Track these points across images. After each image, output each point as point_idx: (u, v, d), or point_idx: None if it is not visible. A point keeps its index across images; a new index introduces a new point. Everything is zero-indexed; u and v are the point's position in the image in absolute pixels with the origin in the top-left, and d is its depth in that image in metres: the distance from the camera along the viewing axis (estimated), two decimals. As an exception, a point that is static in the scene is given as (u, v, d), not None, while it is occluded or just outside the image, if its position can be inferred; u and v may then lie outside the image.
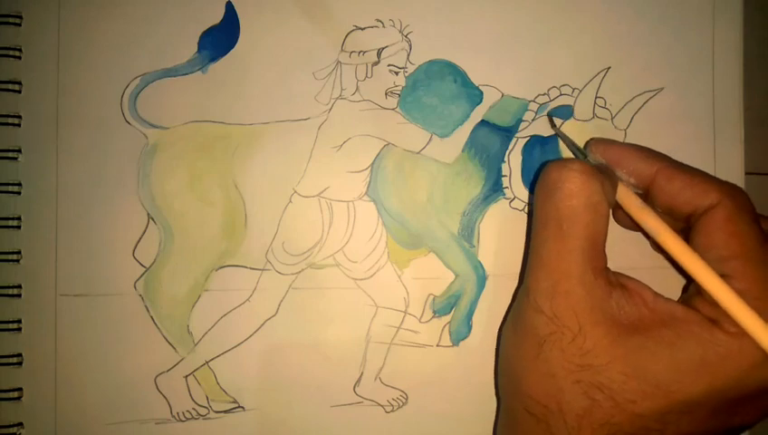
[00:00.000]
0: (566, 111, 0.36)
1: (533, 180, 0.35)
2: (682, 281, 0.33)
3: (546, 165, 0.29)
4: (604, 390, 0.26)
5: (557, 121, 0.35)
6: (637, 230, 0.33)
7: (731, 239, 0.27)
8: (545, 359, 0.27)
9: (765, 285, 0.27)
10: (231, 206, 0.34)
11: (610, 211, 0.30)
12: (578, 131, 0.36)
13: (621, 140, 0.36)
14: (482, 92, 0.35)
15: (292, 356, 0.34)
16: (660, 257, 0.34)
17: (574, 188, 0.27)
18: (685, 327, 0.27)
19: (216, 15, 0.34)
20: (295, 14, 0.35)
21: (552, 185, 0.28)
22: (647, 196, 0.30)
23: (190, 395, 0.34)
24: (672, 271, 0.33)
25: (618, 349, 0.26)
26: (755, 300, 0.26)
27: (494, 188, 0.35)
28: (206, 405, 0.34)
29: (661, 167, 0.29)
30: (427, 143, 0.35)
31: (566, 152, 0.36)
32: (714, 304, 0.27)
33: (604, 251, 0.28)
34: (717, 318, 0.27)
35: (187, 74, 0.34)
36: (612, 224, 0.32)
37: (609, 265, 0.29)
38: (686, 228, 0.29)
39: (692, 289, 0.29)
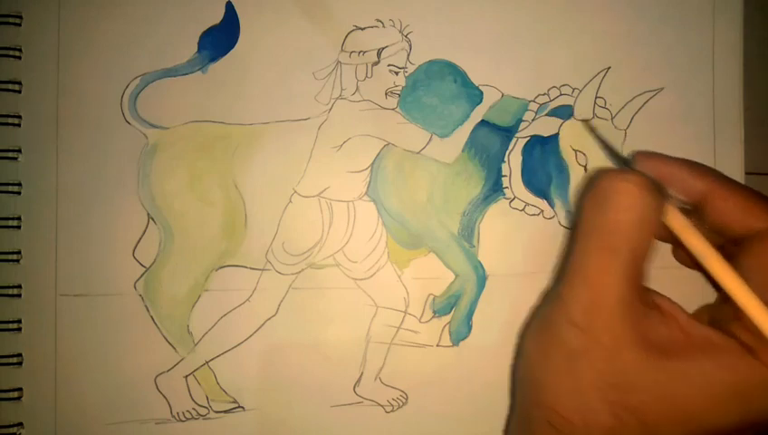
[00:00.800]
0: (566, 111, 0.36)
1: (533, 180, 0.35)
2: (693, 284, 0.33)
3: (599, 173, 0.28)
4: (633, 411, 0.26)
5: (594, 127, 0.34)
6: (667, 241, 0.32)
7: None
8: (575, 373, 0.26)
9: None
10: (231, 206, 0.34)
11: None
12: (578, 131, 0.36)
13: (622, 141, 0.36)
14: (482, 92, 0.35)
15: (292, 356, 0.34)
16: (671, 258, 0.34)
17: (628, 202, 0.26)
18: (721, 355, 0.26)
19: (216, 15, 0.34)
20: (295, 14, 0.35)
21: (605, 195, 0.27)
22: (694, 211, 0.29)
23: (190, 395, 0.34)
24: (685, 272, 0.33)
25: (652, 372, 0.26)
26: None
27: (494, 188, 0.35)
28: (206, 405, 0.34)
29: (715, 185, 0.29)
30: (427, 143, 0.35)
31: (565, 153, 0.36)
32: (754, 332, 0.26)
33: (645, 270, 0.27)
34: (755, 347, 0.26)
35: (187, 74, 0.34)
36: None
37: None
38: (723, 244, 0.29)
39: (727, 312, 0.28)
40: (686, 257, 0.31)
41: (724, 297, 0.28)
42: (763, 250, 0.27)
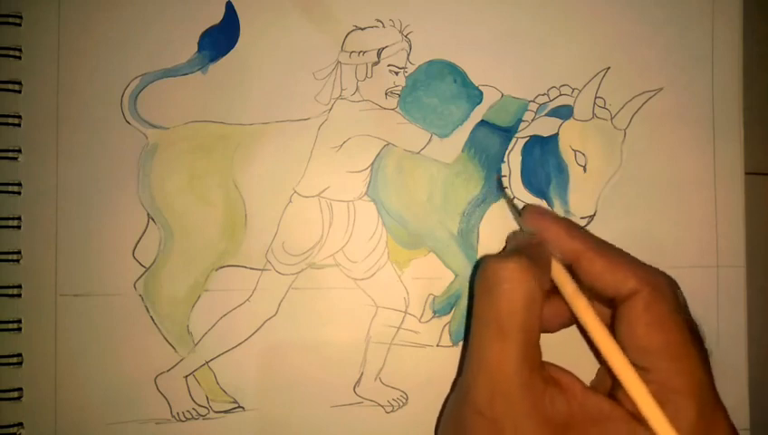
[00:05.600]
0: (566, 112, 0.36)
1: (533, 180, 0.36)
2: (694, 284, 0.33)
3: (484, 260, 0.29)
4: None
5: (500, 180, 0.35)
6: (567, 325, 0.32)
7: (650, 331, 0.27)
8: None
9: (685, 378, 0.26)
10: (231, 206, 0.34)
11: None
12: (578, 131, 0.36)
13: (621, 141, 0.36)
14: (482, 92, 0.35)
15: (293, 356, 0.34)
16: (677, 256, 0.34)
17: (513, 289, 0.27)
18: (609, 425, 0.27)
19: (216, 15, 0.34)
20: (295, 14, 0.35)
21: (492, 283, 0.28)
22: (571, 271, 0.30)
23: (190, 395, 0.34)
24: (693, 271, 0.33)
25: None
26: (674, 394, 0.26)
27: (494, 189, 0.35)
28: (206, 405, 0.34)
29: (585, 247, 0.29)
30: (427, 143, 0.35)
31: (565, 153, 0.36)
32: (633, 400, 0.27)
33: (539, 346, 0.28)
34: (639, 415, 0.27)
35: (187, 74, 0.34)
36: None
37: None
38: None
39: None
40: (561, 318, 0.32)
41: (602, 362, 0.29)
42: (630, 315, 0.28)
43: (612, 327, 0.29)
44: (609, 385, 0.30)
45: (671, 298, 0.28)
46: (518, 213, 0.33)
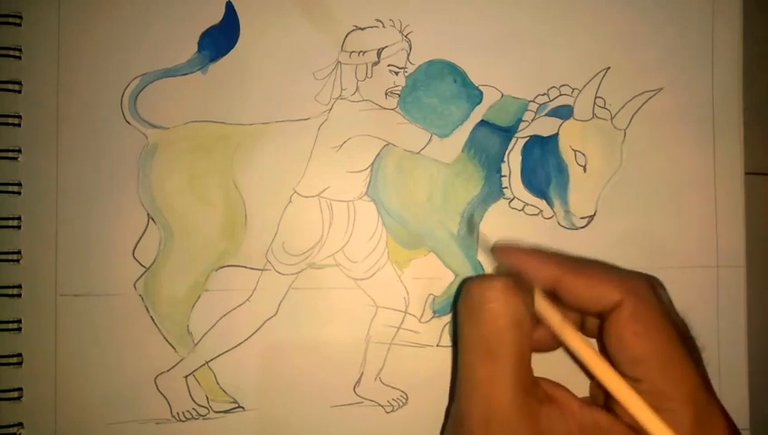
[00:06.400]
0: (566, 112, 0.36)
1: (532, 180, 0.36)
2: (702, 283, 0.33)
3: (466, 283, 0.28)
4: None
5: (476, 224, 0.35)
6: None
7: (637, 340, 0.27)
8: None
9: (677, 384, 0.26)
10: (231, 206, 0.34)
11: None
12: (578, 132, 0.36)
13: (621, 141, 0.36)
14: (482, 92, 0.35)
15: (293, 356, 0.34)
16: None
17: (499, 309, 0.27)
18: None
19: (216, 15, 0.34)
20: (295, 14, 0.35)
21: (476, 306, 0.27)
22: (555, 296, 0.30)
23: (190, 395, 0.34)
24: (696, 271, 0.33)
25: None
26: (669, 401, 0.26)
27: (494, 189, 0.35)
28: (206, 405, 0.34)
29: (562, 269, 0.29)
30: (427, 143, 0.35)
31: (565, 153, 0.36)
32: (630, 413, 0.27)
33: (530, 366, 0.28)
34: (637, 426, 0.26)
35: (187, 74, 0.34)
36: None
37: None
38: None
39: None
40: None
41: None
42: (617, 327, 0.27)
43: (601, 340, 0.28)
44: (603, 397, 0.29)
45: (654, 303, 0.28)
46: (490, 251, 0.33)
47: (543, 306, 0.29)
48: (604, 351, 0.28)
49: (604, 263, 0.30)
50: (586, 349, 0.28)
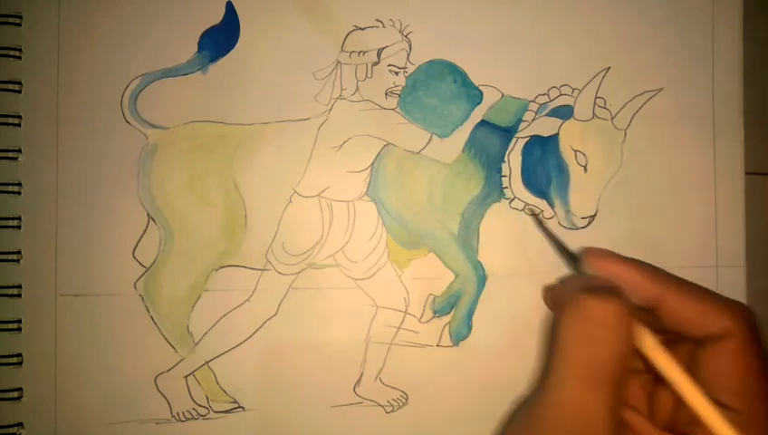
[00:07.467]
0: (566, 111, 0.36)
1: (533, 180, 0.35)
2: (702, 283, 0.33)
3: (579, 296, 0.26)
4: None
5: (543, 220, 0.34)
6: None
7: (742, 372, 0.26)
8: None
9: None
10: (231, 206, 0.34)
11: None
12: (578, 131, 0.36)
13: (622, 141, 0.36)
14: (482, 92, 0.35)
15: (293, 356, 0.34)
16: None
17: (615, 336, 0.25)
18: None
19: (216, 15, 0.34)
20: (295, 14, 0.35)
21: (591, 325, 0.26)
22: (648, 313, 0.29)
23: (190, 395, 0.34)
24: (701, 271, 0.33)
25: None
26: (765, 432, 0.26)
27: (494, 189, 0.35)
28: (206, 405, 0.34)
29: (669, 289, 0.28)
30: (427, 143, 0.35)
31: (565, 153, 0.36)
32: None
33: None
34: None
35: (187, 74, 0.34)
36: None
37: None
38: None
39: (689, 414, 0.28)
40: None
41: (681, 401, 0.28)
42: (720, 355, 0.27)
43: (693, 358, 0.28)
44: (682, 422, 0.29)
45: (758, 337, 0.27)
46: (572, 257, 0.29)
47: (653, 349, 0.27)
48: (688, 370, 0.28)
49: (702, 286, 0.29)
50: (687, 382, 0.27)
